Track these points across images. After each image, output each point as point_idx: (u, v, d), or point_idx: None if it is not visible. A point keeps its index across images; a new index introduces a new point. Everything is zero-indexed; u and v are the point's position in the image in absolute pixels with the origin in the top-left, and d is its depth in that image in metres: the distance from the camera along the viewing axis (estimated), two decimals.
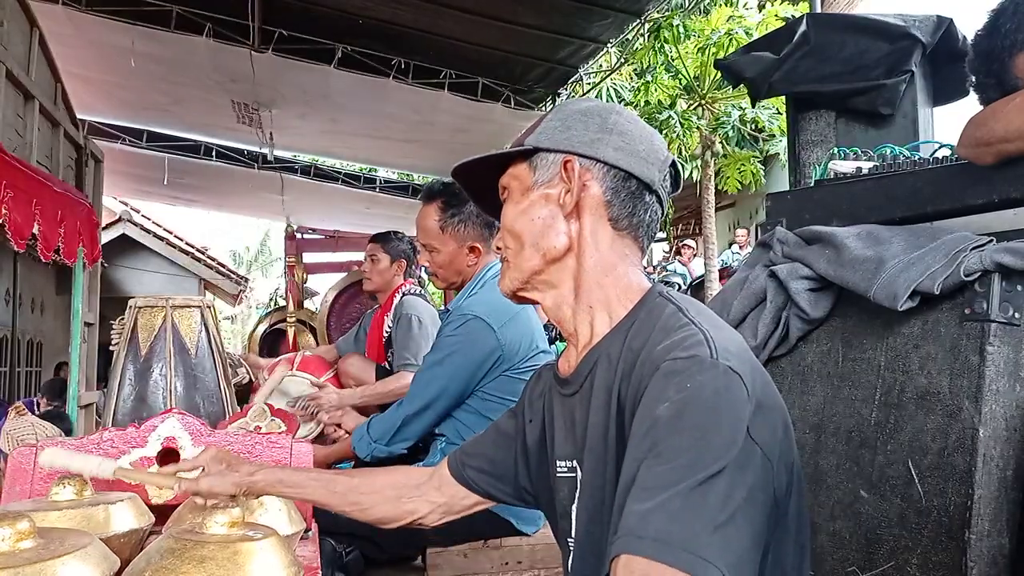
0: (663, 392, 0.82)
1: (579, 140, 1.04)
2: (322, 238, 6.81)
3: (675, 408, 0.80)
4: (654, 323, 0.94)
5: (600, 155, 1.03)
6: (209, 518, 0.95)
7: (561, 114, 1.08)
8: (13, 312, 7.75)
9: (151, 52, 6.21)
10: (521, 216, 1.05)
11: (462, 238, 2.14)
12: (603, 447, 0.95)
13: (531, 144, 1.06)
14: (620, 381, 0.93)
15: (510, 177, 1.08)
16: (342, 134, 8.27)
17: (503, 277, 1.09)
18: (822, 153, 1.90)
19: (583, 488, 0.99)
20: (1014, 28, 1.37)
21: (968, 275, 1.22)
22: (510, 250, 1.07)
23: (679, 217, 14.52)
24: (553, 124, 1.07)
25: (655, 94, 7.90)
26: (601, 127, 1.04)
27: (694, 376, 0.81)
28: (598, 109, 1.07)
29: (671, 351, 0.86)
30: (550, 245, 1.03)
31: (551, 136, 1.05)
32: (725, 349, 0.85)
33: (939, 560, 1.22)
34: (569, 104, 1.11)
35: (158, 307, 2.03)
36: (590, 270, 1.02)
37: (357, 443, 2.15)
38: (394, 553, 2.07)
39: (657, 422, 0.80)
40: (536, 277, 1.05)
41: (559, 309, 1.05)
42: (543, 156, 1.05)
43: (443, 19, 5.94)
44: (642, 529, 0.74)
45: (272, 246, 27.86)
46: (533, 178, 1.05)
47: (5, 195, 3.21)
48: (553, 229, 1.03)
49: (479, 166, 1.10)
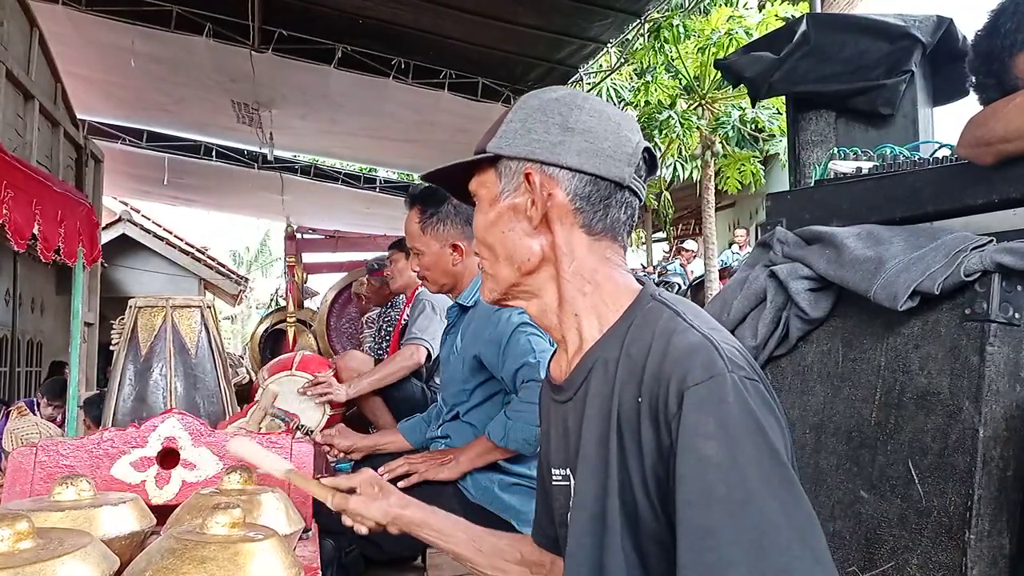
0: (702, 427, 0.81)
1: (540, 145, 0.98)
2: (322, 238, 6.82)
3: (724, 445, 0.80)
4: (652, 329, 0.91)
5: (563, 161, 0.97)
6: (209, 518, 0.95)
7: (521, 112, 1.01)
8: (13, 312, 7.74)
9: (151, 52, 6.22)
10: (492, 228, 1.01)
11: (443, 238, 2.14)
12: (600, 458, 0.92)
13: (492, 150, 1.01)
14: (620, 391, 0.91)
15: (478, 184, 1.04)
16: (342, 134, 8.28)
17: (483, 286, 1.07)
18: (822, 153, 1.90)
19: (576, 496, 0.97)
20: (1014, 28, 1.37)
21: (968, 275, 1.22)
22: (486, 260, 1.04)
23: (679, 217, 14.52)
24: (513, 126, 1.00)
25: (655, 94, 7.89)
26: (562, 127, 0.98)
27: (729, 402, 0.81)
28: (558, 105, 1.00)
29: (688, 371, 0.84)
30: (523, 258, 1.00)
31: (511, 141, 1.00)
32: (732, 354, 0.85)
33: (939, 560, 1.22)
34: (530, 99, 1.03)
35: (158, 307, 2.03)
36: (570, 279, 0.99)
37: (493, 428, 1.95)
38: (394, 553, 2.07)
39: (709, 462, 0.80)
40: (514, 288, 1.02)
41: (545, 316, 1.03)
42: (506, 163, 1.00)
43: (443, 19, 5.94)
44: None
45: (272, 246, 27.87)
46: (500, 186, 1.01)
47: (5, 195, 3.21)
48: (524, 242, 0.99)
49: (453, 169, 1.06)
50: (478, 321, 2.04)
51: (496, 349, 1.93)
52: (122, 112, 8.04)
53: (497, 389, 2.05)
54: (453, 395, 2.13)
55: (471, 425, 2.07)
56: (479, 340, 2.00)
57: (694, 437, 0.81)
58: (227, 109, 7.58)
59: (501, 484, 1.97)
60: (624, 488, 0.90)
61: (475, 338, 2.03)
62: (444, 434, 2.13)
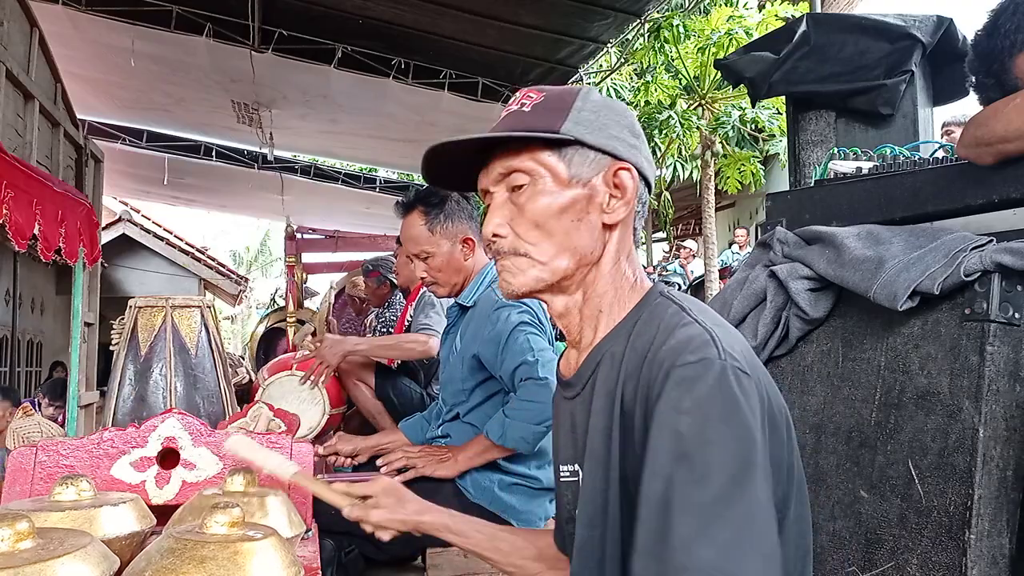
0: (679, 402, 0.81)
1: (621, 144, 0.97)
2: (322, 238, 6.82)
3: (696, 421, 0.79)
4: (657, 323, 0.91)
5: (639, 164, 0.98)
6: (209, 518, 0.95)
7: (590, 103, 0.98)
8: (13, 312, 7.75)
9: (151, 52, 6.23)
10: (560, 215, 0.95)
11: (453, 234, 2.10)
12: (604, 450, 0.93)
13: (572, 134, 0.95)
14: (624, 383, 0.91)
15: (534, 162, 0.95)
16: (342, 134, 8.28)
17: (519, 274, 0.98)
18: (822, 153, 1.90)
19: (584, 491, 0.98)
20: (1014, 28, 1.37)
21: (968, 275, 1.22)
22: (534, 247, 0.97)
23: (679, 217, 14.51)
24: (587, 115, 0.96)
25: (655, 94, 7.88)
26: (632, 131, 0.99)
27: (708, 382, 0.80)
28: (620, 107, 1.01)
29: (679, 354, 0.84)
30: (587, 250, 0.97)
31: (591, 130, 0.96)
32: (731, 347, 0.84)
33: (939, 560, 1.22)
34: (589, 93, 1.00)
35: (158, 307, 2.03)
36: (605, 276, 0.99)
37: (491, 427, 1.95)
38: (394, 553, 2.07)
39: (680, 436, 0.79)
40: (563, 281, 0.98)
41: (569, 314, 1.02)
42: (583, 151, 0.96)
43: (443, 19, 5.94)
44: (688, 559, 0.74)
45: (272, 246, 27.87)
46: (569, 171, 0.95)
47: (6, 195, 3.21)
48: (592, 234, 0.97)
49: (456, 146, 0.99)
50: (477, 320, 2.04)
51: (495, 348, 1.93)
52: (122, 112, 8.05)
53: (497, 389, 2.04)
54: (453, 395, 2.13)
55: (471, 425, 2.07)
56: (478, 339, 2.00)
57: (669, 412, 0.81)
58: (227, 109, 7.59)
59: (500, 484, 1.97)
60: (625, 479, 0.90)
61: (474, 337, 2.02)
62: (444, 433, 2.13)
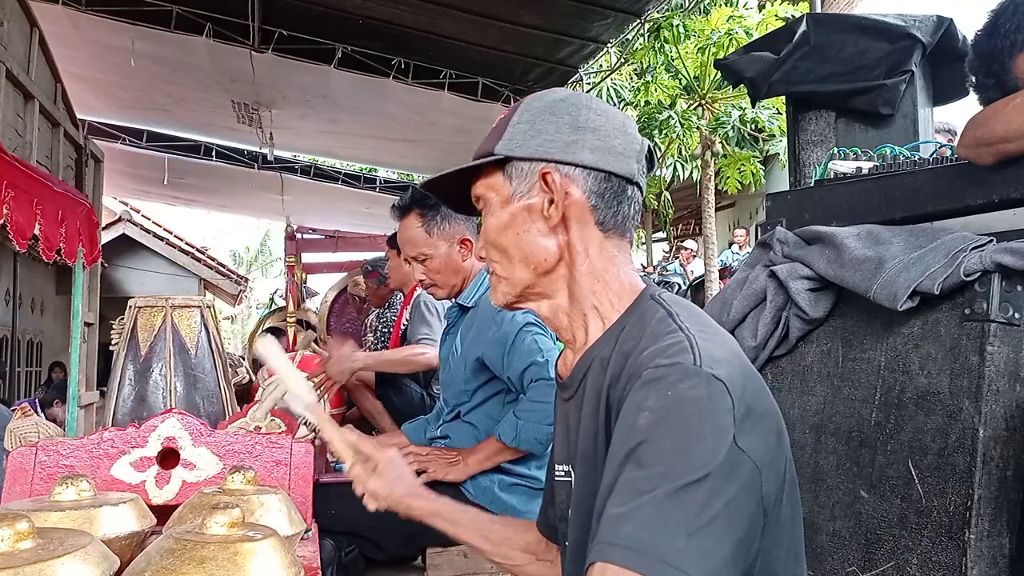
0: (644, 400, 0.81)
1: (553, 145, 0.98)
2: (322, 238, 6.83)
3: (655, 416, 0.79)
4: (644, 328, 0.92)
5: (578, 159, 0.98)
6: (209, 519, 0.95)
7: (528, 114, 1.01)
8: (13, 312, 7.75)
9: (151, 52, 6.23)
10: (505, 231, 1.00)
11: (450, 235, 2.10)
12: (593, 452, 0.94)
13: (502, 152, 1.00)
14: (609, 385, 0.92)
15: (485, 187, 1.03)
16: (342, 134, 8.28)
17: (494, 291, 1.05)
18: (822, 153, 1.90)
19: (576, 493, 0.99)
20: (1014, 28, 1.37)
21: (968, 275, 1.22)
22: (498, 264, 1.03)
23: (679, 217, 14.52)
24: (522, 127, 1.00)
25: (655, 94, 7.88)
26: (573, 126, 0.99)
27: (675, 384, 0.80)
28: (565, 105, 1.01)
29: (655, 358, 0.84)
30: (540, 259, 0.99)
31: (522, 142, 0.99)
32: (710, 356, 0.83)
33: (939, 560, 1.22)
34: (534, 101, 1.03)
35: (158, 307, 2.03)
36: (583, 277, 1.00)
37: (503, 429, 1.94)
38: (394, 553, 2.07)
39: (636, 430, 0.79)
40: (529, 290, 1.02)
41: (556, 317, 1.03)
42: (517, 165, 1.00)
43: (443, 19, 5.94)
44: (614, 535, 0.73)
45: (272, 246, 27.86)
46: (510, 189, 1.00)
47: (6, 195, 3.21)
48: (540, 242, 0.99)
49: (454, 176, 1.05)
50: (480, 322, 2.03)
51: (501, 350, 1.92)
52: (122, 112, 8.05)
53: (498, 389, 2.04)
54: (454, 395, 2.12)
55: (471, 425, 2.07)
56: (481, 341, 1.99)
57: (632, 408, 0.82)
58: (227, 109, 7.58)
59: (501, 484, 1.97)
60: None
61: (477, 339, 2.01)
62: (444, 434, 2.13)
